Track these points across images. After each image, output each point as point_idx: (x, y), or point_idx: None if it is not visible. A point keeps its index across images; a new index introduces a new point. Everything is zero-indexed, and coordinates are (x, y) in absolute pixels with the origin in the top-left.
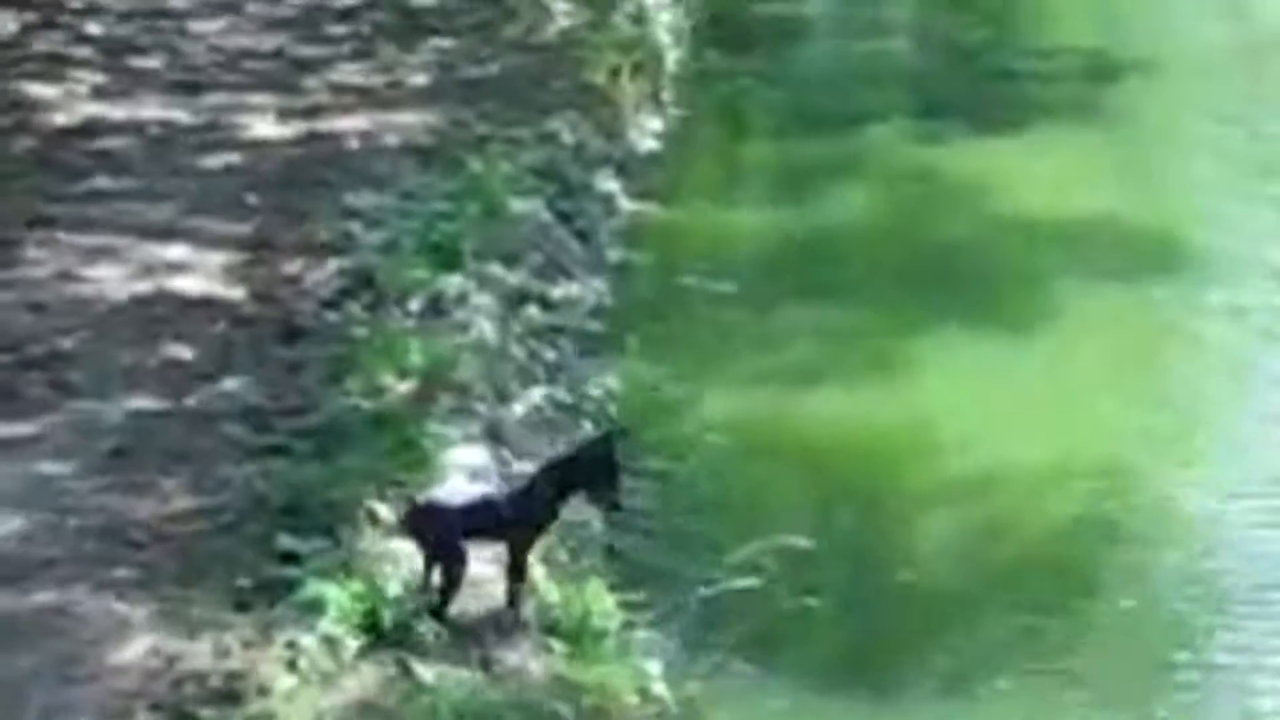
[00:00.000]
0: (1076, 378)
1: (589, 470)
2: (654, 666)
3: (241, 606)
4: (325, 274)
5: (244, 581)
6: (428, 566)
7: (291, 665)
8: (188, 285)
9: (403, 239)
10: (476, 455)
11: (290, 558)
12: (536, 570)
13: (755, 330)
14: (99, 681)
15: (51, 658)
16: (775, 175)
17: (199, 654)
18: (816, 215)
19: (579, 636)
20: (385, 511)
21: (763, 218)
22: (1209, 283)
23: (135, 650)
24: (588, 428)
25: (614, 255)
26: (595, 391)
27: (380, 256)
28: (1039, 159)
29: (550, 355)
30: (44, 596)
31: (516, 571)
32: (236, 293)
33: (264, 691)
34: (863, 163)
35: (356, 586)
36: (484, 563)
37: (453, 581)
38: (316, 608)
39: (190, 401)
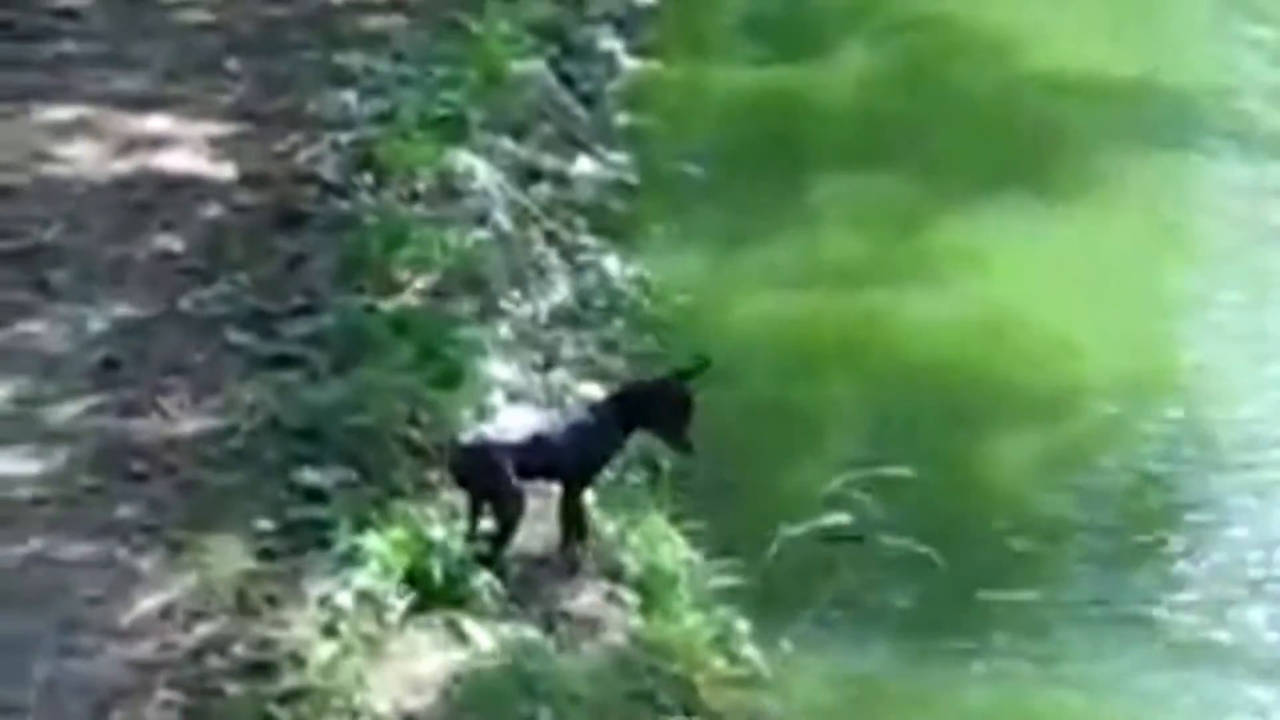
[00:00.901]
0: (1136, 261)
1: (661, 408)
2: (740, 622)
3: (265, 555)
4: (321, 150)
5: (265, 524)
6: (475, 511)
7: (329, 629)
8: (171, 163)
9: (402, 110)
10: (509, 364)
11: (314, 494)
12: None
13: (782, 206)
14: (106, 651)
15: (48, 621)
16: (780, 27)
17: (220, 615)
18: (827, 70)
19: (650, 585)
20: (418, 437)
21: (771, 74)
22: (1239, 150)
23: (146, 610)
24: (619, 326)
25: (621, 120)
26: (625, 286)
27: (379, 129)
28: (1060, 7)
29: (570, 239)
30: (34, 544)
31: (573, 514)
32: (225, 172)
33: (299, 661)
34: (873, 12)
35: (398, 533)
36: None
37: (509, 527)
38: (353, 559)
39: (185, 303)
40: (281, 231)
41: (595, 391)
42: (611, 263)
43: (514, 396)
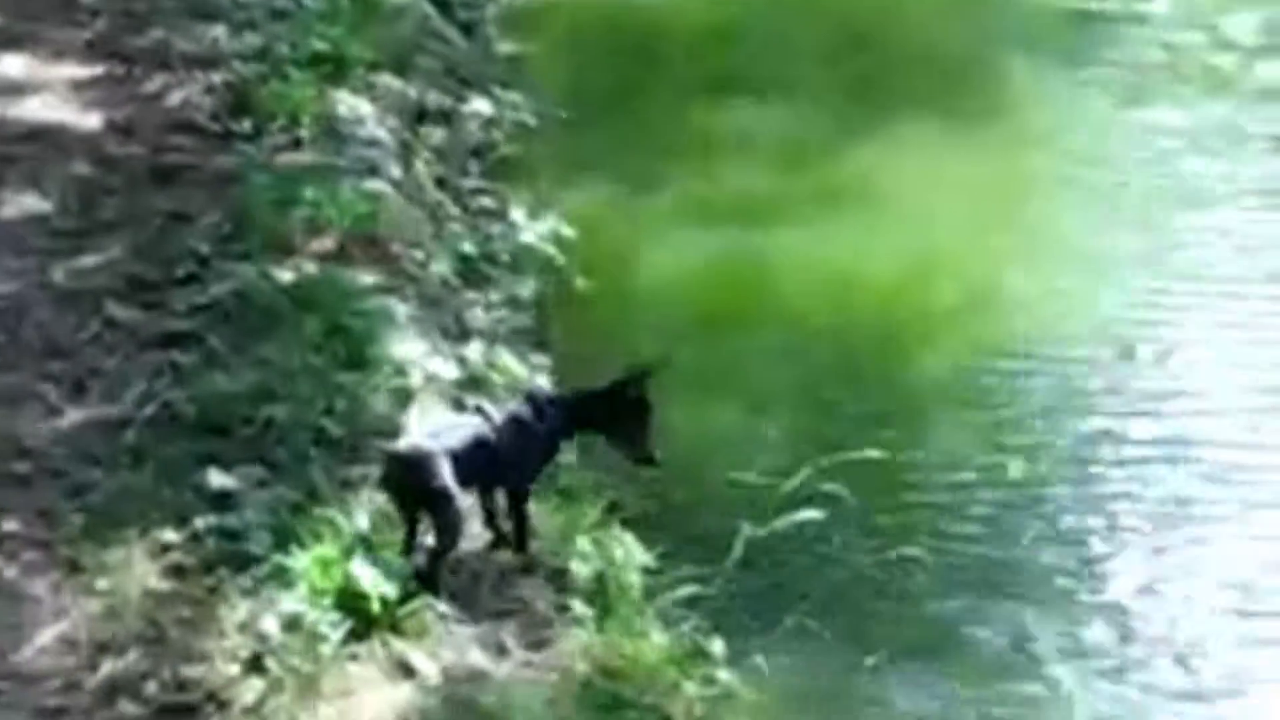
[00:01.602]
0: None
1: (616, 416)
2: (712, 639)
3: (174, 572)
4: (191, 93)
5: (170, 534)
6: (411, 524)
7: (255, 664)
8: (30, 110)
9: (276, 46)
10: (421, 337)
11: (223, 499)
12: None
13: (679, 138)
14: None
15: None
16: None
17: (130, 647)
18: None
19: (605, 596)
20: (334, 429)
21: None
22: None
23: (43, 642)
24: (529, 282)
25: (505, 49)
26: (529, 235)
27: (253, 68)
28: None
29: (466, 185)
30: None
31: (519, 522)
32: (90, 120)
33: (222, 703)
34: None
35: (327, 549)
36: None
37: (451, 541)
38: (279, 579)
39: (58, 274)
40: (157, 188)
41: (514, 365)
42: (513, 211)
43: (431, 379)
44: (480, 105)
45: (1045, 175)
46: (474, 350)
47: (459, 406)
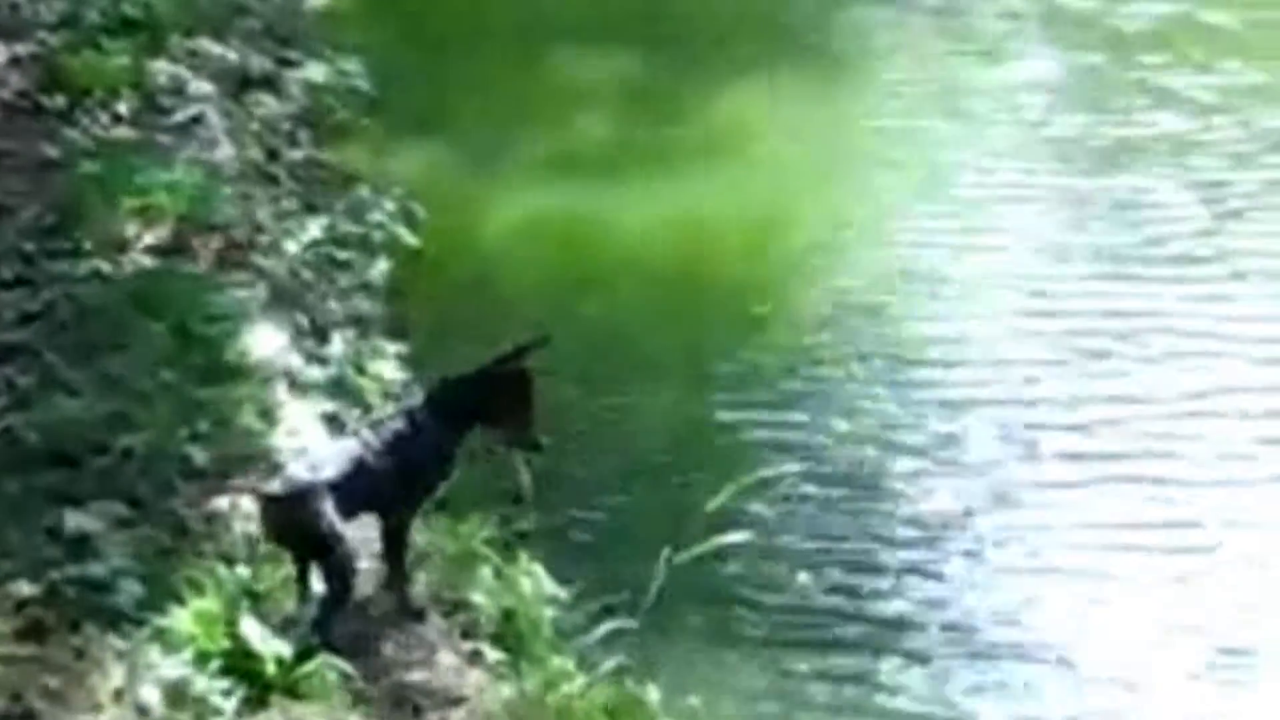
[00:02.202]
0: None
1: (495, 400)
2: (645, 685)
3: (34, 632)
4: None
5: (27, 587)
6: (302, 571)
7: None
8: None
9: (85, 13)
10: (277, 335)
11: (82, 544)
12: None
13: (520, 93)
14: None
15: None
16: None
17: None
18: None
19: (517, 638)
20: (200, 456)
21: None
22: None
23: None
24: (380, 265)
25: (316, 3)
26: (382, 217)
27: (63, 38)
28: None
29: (300, 156)
30: None
31: (397, 550)
32: None
33: None
34: None
35: (209, 604)
36: None
37: (344, 588)
38: (157, 639)
39: None
40: None
41: (385, 365)
42: (357, 187)
43: (295, 384)
44: (304, 69)
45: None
46: (336, 349)
47: (334, 426)
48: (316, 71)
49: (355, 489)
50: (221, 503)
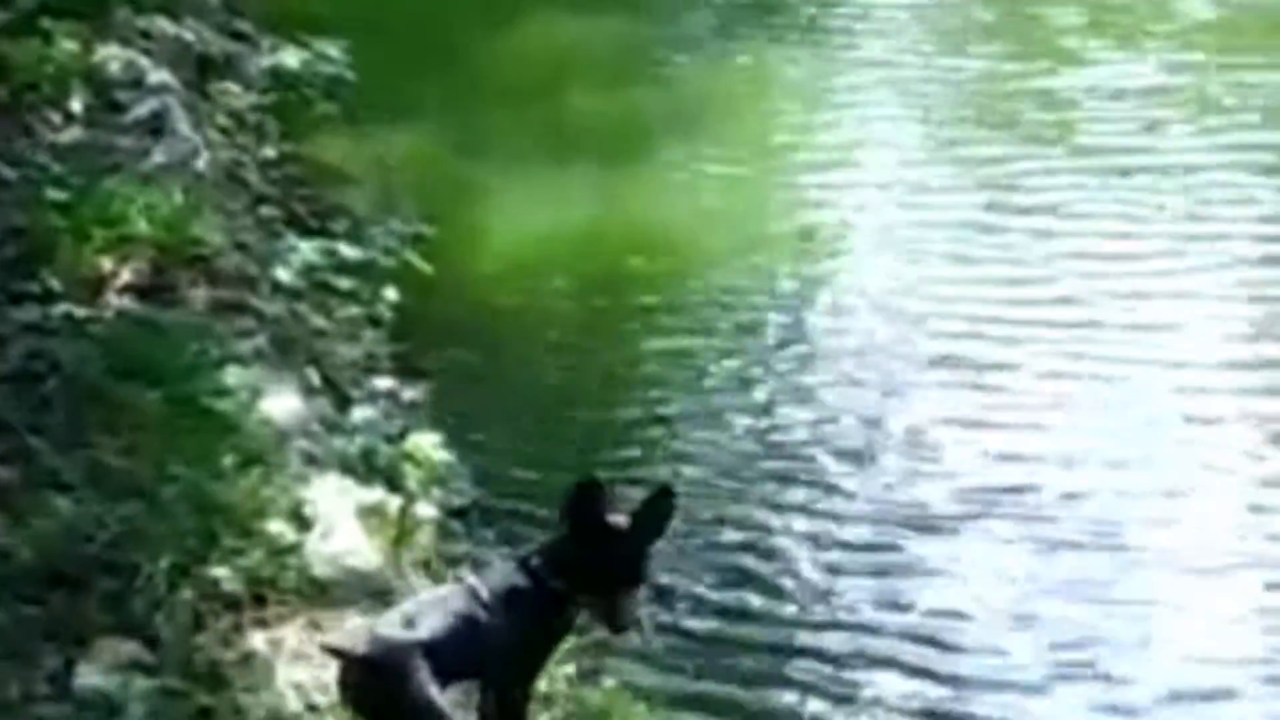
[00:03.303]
0: None
1: (627, 553)
2: None
3: None
4: None
5: None
6: None
7: None
8: None
9: None
10: (287, 396)
11: (97, 704)
12: None
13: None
14: None
15: None
16: None
17: None
18: None
19: None
20: (226, 578)
21: None
22: None
23: None
24: (386, 293)
25: None
26: (386, 239)
27: None
28: None
29: (271, 153)
30: None
31: None
32: None
33: None
34: None
35: None
36: None
37: None
38: None
39: None
40: None
41: (422, 438)
42: (343, 194)
43: (318, 463)
44: (281, 56)
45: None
46: (358, 414)
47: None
48: (288, 57)
49: (459, 652)
50: (258, 640)
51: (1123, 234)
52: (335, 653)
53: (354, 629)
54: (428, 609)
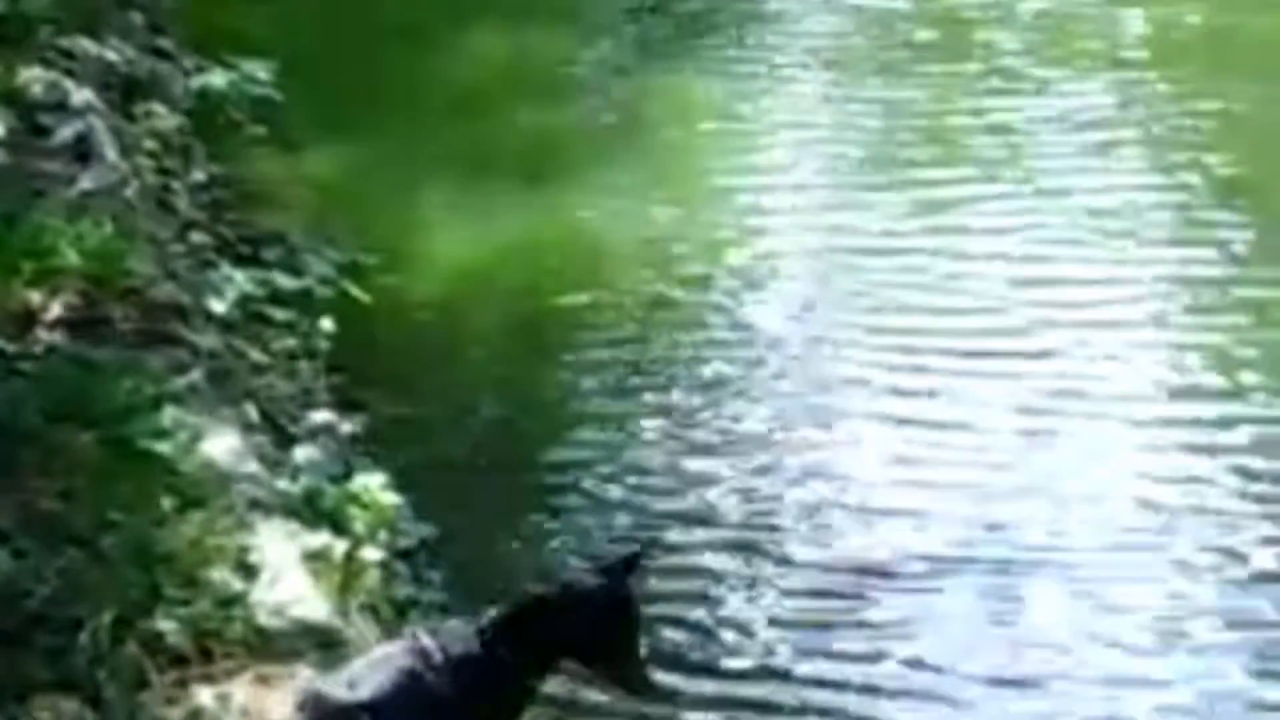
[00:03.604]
0: None
1: (591, 622)
2: None
3: None
4: None
5: None
6: None
7: None
8: None
9: None
10: (225, 435)
11: None
12: None
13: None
14: None
15: None
16: None
17: None
18: None
19: None
20: (171, 630)
21: None
22: None
23: None
24: (320, 324)
25: None
26: (321, 267)
27: None
28: None
29: (200, 176)
30: None
31: None
32: None
33: None
34: None
35: None
36: None
37: None
38: None
39: None
40: None
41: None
42: (275, 219)
43: (261, 506)
44: (207, 76)
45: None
46: (300, 454)
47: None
48: (214, 77)
49: (404, 714)
50: (205, 697)
51: (1068, 259)
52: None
53: (296, 689)
54: (372, 669)
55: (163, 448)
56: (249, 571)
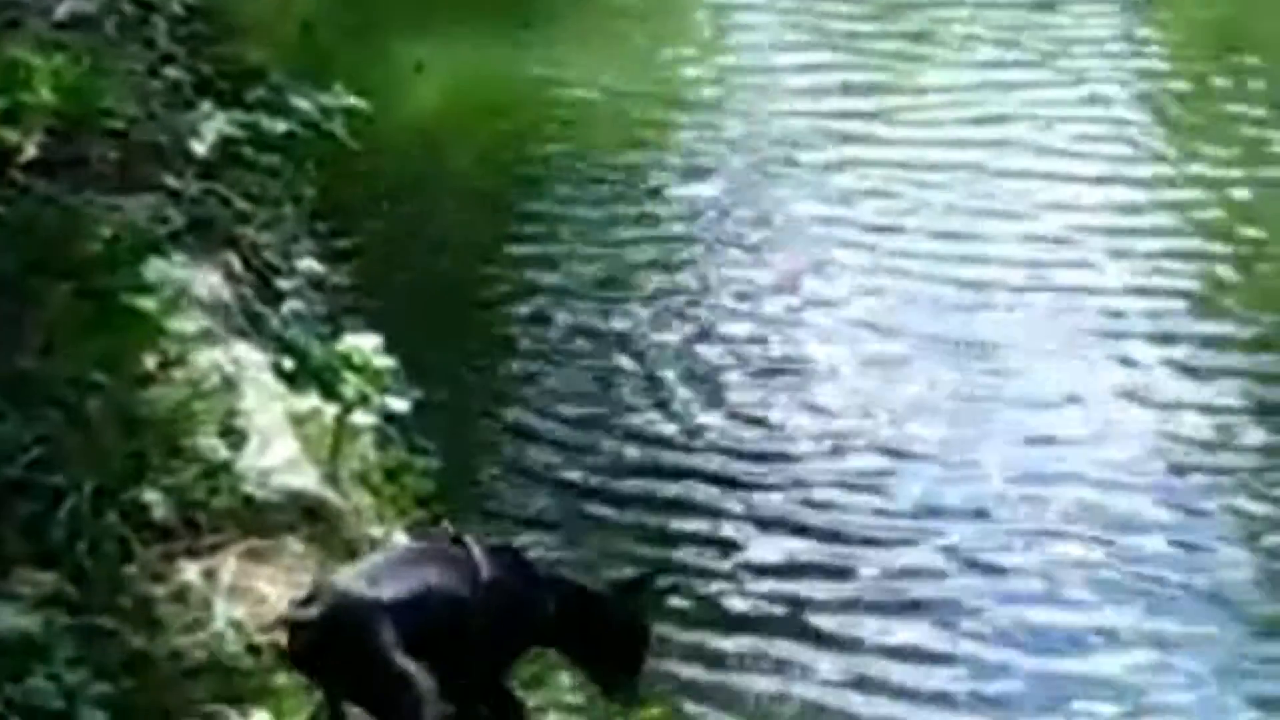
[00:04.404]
0: None
1: (614, 637)
2: None
3: None
4: None
5: None
6: (335, 709)
7: None
8: None
9: None
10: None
11: (21, 650)
12: None
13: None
14: None
15: None
16: None
17: None
18: None
19: None
20: (158, 505)
21: None
22: None
23: None
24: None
25: None
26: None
27: None
28: None
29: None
30: None
31: (501, 707)
32: None
33: None
34: None
35: None
36: None
37: None
38: None
39: None
40: None
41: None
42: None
43: (247, 366)
44: None
45: None
46: (286, 307)
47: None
48: None
49: (432, 622)
50: (192, 573)
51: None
52: (287, 620)
53: (308, 583)
54: (397, 567)
55: (146, 304)
56: (236, 438)
